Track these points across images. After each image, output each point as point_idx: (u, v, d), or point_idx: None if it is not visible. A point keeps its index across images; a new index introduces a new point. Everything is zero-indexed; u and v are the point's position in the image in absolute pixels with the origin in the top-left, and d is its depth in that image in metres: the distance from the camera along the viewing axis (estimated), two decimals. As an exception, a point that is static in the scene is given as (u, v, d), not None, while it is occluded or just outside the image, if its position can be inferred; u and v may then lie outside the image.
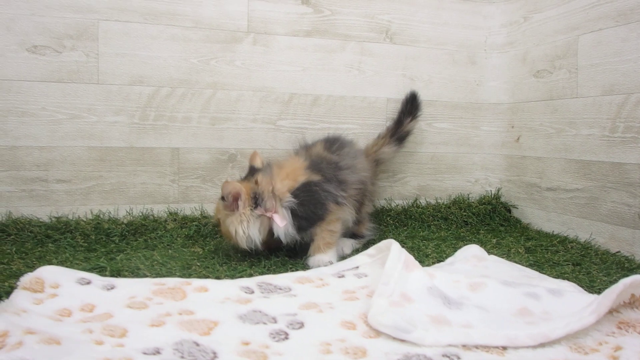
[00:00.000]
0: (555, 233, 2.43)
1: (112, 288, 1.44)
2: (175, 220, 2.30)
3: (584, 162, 2.29)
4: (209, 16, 2.39)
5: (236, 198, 1.81)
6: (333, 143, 2.17)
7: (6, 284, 1.50)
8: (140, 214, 2.34)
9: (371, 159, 2.43)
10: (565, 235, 2.36)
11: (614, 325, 1.21)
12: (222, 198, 1.83)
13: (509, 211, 2.75)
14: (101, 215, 2.28)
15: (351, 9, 2.61)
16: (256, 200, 1.83)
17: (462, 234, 2.43)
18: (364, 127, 2.65)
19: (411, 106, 2.55)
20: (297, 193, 1.86)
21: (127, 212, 2.34)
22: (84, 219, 2.22)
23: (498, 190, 2.84)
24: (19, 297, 1.29)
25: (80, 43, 2.26)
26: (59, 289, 1.37)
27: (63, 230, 2.12)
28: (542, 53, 2.54)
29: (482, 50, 2.84)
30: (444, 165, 2.83)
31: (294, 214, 1.85)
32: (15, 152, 2.21)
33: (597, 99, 2.21)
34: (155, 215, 2.34)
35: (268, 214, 1.83)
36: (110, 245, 2.02)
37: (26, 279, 1.38)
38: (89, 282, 1.45)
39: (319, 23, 2.55)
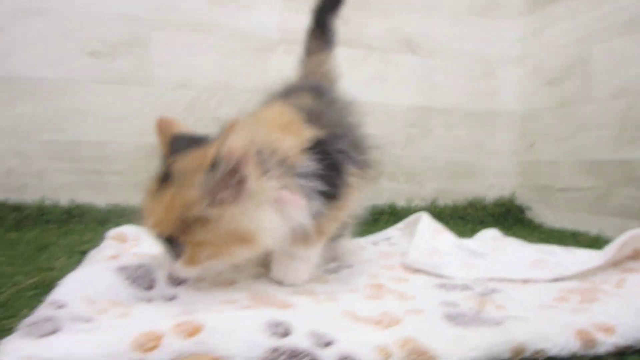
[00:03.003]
0: (569, 229, 2.58)
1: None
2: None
3: (594, 162, 2.48)
4: (246, 27, 2.62)
5: (240, 166, 1.02)
6: (321, 93, 1.44)
7: (86, 246, 1.74)
8: (186, 204, 2.53)
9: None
10: (577, 230, 2.52)
11: (619, 271, 1.39)
12: (212, 167, 1.00)
13: (523, 212, 2.94)
14: (152, 204, 2.49)
15: (376, 21, 2.84)
16: (264, 166, 1.07)
17: (478, 230, 2.49)
18: (385, 131, 2.85)
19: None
20: (309, 155, 1.15)
21: (174, 202, 2.54)
22: (137, 207, 2.45)
23: (512, 194, 3.03)
24: (108, 245, 1.52)
25: (133, 50, 2.51)
26: (139, 242, 1.60)
27: (120, 214, 2.35)
28: (555, 63, 2.75)
29: (498, 62, 3.05)
30: (461, 170, 3.02)
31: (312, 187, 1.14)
32: (76, 146, 2.45)
33: (607, 103, 2.41)
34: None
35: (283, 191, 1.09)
36: None
37: (112, 232, 1.63)
38: (163, 240, 1.67)
39: (346, 34, 2.75)
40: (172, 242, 1.05)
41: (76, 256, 1.59)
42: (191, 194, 1.01)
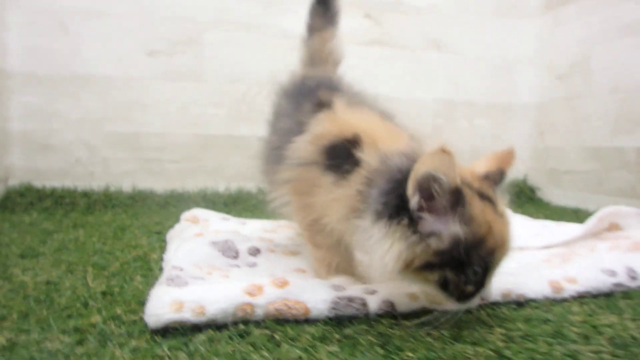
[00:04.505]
0: (571, 207, 2.90)
1: (244, 224, 2.00)
2: (263, 194, 2.82)
3: (594, 149, 2.80)
4: (293, 28, 2.89)
5: None
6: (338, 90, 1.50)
7: (157, 227, 2.08)
8: (236, 189, 2.89)
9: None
10: (578, 208, 2.84)
11: (595, 240, 1.72)
12: (498, 180, 1.13)
13: (533, 192, 3.26)
14: (205, 190, 2.85)
15: (406, 23, 3.14)
16: None
17: (493, 207, 2.87)
18: (414, 122, 3.10)
19: None
20: None
21: (225, 188, 2.89)
22: (192, 192, 2.79)
23: (525, 176, 3.34)
24: (186, 226, 1.84)
25: (189, 48, 2.84)
26: (208, 222, 1.93)
27: (179, 198, 2.72)
28: (563, 60, 3.06)
29: (515, 59, 3.34)
30: (481, 156, 3.28)
31: None
32: (137, 137, 2.80)
33: (605, 97, 2.72)
34: (248, 190, 2.89)
35: None
36: (217, 209, 2.52)
37: (186, 214, 1.96)
38: (228, 219, 2.03)
39: (379, 34, 3.09)
40: None
41: (154, 236, 1.92)
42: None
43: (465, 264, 0.97)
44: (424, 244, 0.96)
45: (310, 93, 1.43)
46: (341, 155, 1.10)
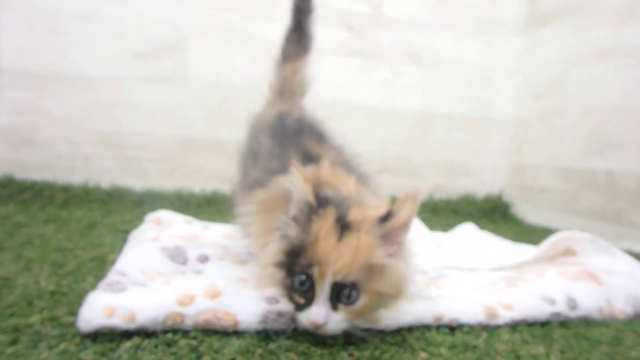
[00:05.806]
0: (542, 226, 2.93)
1: (207, 228, 2.03)
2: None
3: (566, 168, 2.83)
4: (272, 37, 2.92)
5: (402, 230, 1.14)
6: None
7: (126, 226, 2.11)
8: (211, 190, 2.92)
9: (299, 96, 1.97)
10: (548, 227, 2.86)
11: (549, 264, 1.73)
12: (383, 220, 1.09)
13: (508, 208, 3.29)
14: (181, 190, 2.88)
15: (387, 35, 3.17)
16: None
17: (468, 222, 2.80)
18: (392, 132, 3.22)
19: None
20: None
21: (201, 189, 2.92)
22: (169, 192, 2.82)
23: (500, 191, 3.38)
24: (149, 227, 1.86)
25: (173, 53, 2.87)
26: (172, 225, 1.96)
27: (155, 197, 2.75)
28: (541, 79, 3.09)
29: (494, 75, 3.37)
30: (457, 168, 3.36)
31: None
32: (119, 136, 2.83)
33: (578, 118, 2.75)
34: (223, 193, 2.91)
35: None
36: (190, 210, 2.58)
37: (151, 216, 1.98)
38: (191, 223, 2.05)
39: (360, 46, 3.12)
40: (351, 289, 1.05)
41: (120, 235, 1.95)
42: (372, 240, 1.06)
43: (293, 269, 1.08)
44: (280, 243, 1.12)
45: (294, 137, 1.51)
46: None
